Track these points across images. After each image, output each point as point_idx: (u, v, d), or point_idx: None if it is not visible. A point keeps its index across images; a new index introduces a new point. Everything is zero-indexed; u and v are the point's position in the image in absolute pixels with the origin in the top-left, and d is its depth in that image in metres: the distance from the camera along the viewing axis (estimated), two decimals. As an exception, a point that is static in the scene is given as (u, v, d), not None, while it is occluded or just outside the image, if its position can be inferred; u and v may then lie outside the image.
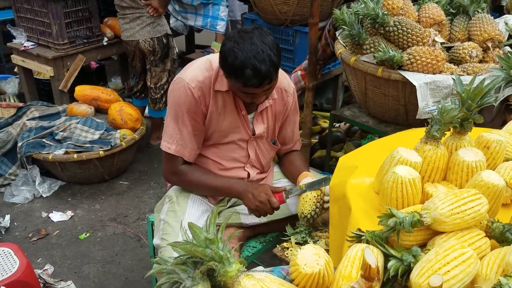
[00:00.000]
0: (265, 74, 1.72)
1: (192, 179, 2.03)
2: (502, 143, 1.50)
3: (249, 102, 1.90)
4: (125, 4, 3.63)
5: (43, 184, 3.53)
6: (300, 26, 3.43)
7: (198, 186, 2.06)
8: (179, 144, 1.98)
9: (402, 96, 2.35)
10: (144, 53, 3.80)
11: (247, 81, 1.72)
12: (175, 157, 2.00)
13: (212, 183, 2.03)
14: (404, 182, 1.32)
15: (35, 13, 3.95)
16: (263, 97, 1.88)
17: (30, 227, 3.22)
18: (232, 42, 1.73)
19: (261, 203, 1.93)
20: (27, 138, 3.48)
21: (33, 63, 4.07)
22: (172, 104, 1.96)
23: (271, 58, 1.72)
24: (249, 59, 1.69)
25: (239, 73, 1.71)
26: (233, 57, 1.71)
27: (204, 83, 1.91)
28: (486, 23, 2.48)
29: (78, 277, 2.81)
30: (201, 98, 1.91)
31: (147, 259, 2.93)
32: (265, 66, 1.70)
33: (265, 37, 1.75)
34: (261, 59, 1.70)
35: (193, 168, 2.05)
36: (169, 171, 2.05)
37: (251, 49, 1.70)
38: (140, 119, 3.80)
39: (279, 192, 1.96)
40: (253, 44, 1.71)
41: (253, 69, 1.69)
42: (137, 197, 3.56)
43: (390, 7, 2.46)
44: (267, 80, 1.75)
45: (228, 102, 1.96)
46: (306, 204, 1.94)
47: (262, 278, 1.05)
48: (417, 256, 1.13)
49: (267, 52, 1.71)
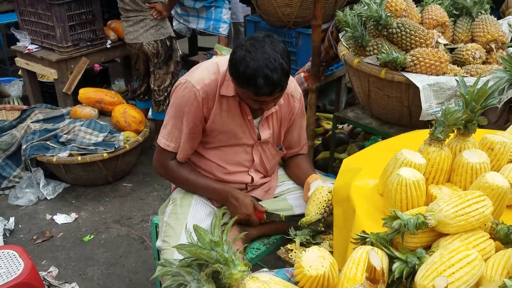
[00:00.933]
0: (277, 83, 1.72)
1: (179, 175, 2.06)
2: (506, 145, 1.50)
3: (257, 108, 1.90)
4: (129, 7, 3.65)
5: (47, 187, 3.55)
6: (303, 28, 3.43)
7: (183, 183, 2.11)
8: (177, 143, 2.00)
9: (405, 97, 2.35)
10: (147, 55, 3.82)
11: (259, 90, 1.72)
12: (168, 152, 2.03)
13: (196, 183, 2.07)
14: (408, 184, 1.32)
15: (39, 16, 3.97)
16: (271, 104, 1.89)
17: (35, 229, 3.23)
18: (243, 51, 1.72)
19: (241, 220, 2.01)
20: (32, 141, 3.50)
21: (37, 66, 4.08)
22: (174, 103, 1.97)
23: (283, 66, 1.72)
24: (261, 68, 1.68)
25: (251, 82, 1.71)
26: (245, 66, 1.70)
27: (209, 86, 1.91)
28: (490, 24, 2.48)
29: (82, 279, 2.82)
30: (205, 101, 1.92)
31: (151, 261, 2.94)
32: (277, 75, 1.70)
33: (277, 45, 1.74)
34: (273, 68, 1.69)
35: (181, 165, 2.07)
36: (159, 163, 2.08)
37: (263, 58, 1.69)
38: (143, 121, 3.81)
39: (261, 212, 2.04)
40: (265, 53, 1.70)
41: (265, 78, 1.69)
42: (141, 199, 3.57)
43: (393, 9, 2.46)
44: (279, 88, 1.75)
45: (233, 106, 1.96)
46: (315, 207, 1.94)
47: (267, 281, 1.05)
48: (421, 258, 1.13)
49: (279, 61, 1.71)
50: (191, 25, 4.67)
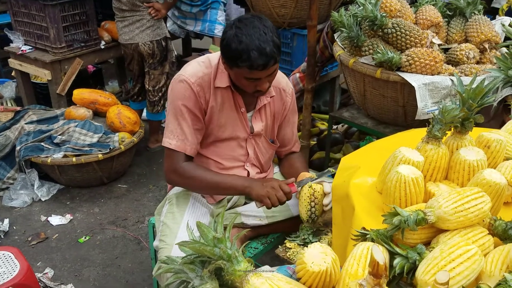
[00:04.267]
0: (270, 55, 1.75)
1: (195, 175, 1.97)
2: (502, 142, 1.51)
3: (253, 91, 1.88)
4: (125, 7, 3.64)
5: (41, 188, 3.53)
6: (298, 29, 3.45)
7: (200, 183, 1.98)
8: (179, 139, 1.95)
9: (400, 97, 2.37)
10: (143, 56, 3.81)
11: (253, 63, 1.74)
12: (176, 153, 1.96)
13: (215, 179, 1.98)
14: (407, 181, 1.33)
15: (32, 17, 3.95)
16: (266, 84, 1.87)
17: (29, 231, 3.21)
18: (234, 29, 1.77)
19: (273, 189, 1.90)
20: (26, 142, 3.48)
21: (31, 67, 4.06)
22: (172, 100, 1.97)
23: (273, 39, 1.77)
24: (253, 41, 1.73)
25: (244, 56, 1.74)
26: (237, 42, 1.74)
27: (203, 79, 1.92)
28: (483, 24, 2.51)
29: (78, 280, 2.80)
30: (201, 93, 1.93)
31: (147, 262, 2.93)
32: (269, 47, 1.74)
33: (266, 22, 1.80)
34: (264, 40, 1.74)
35: (195, 165, 2.00)
36: (171, 168, 1.99)
37: (254, 32, 1.74)
38: (138, 122, 3.80)
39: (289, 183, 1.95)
40: (255, 27, 1.75)
41: (258, 50, 1.73)
42: (136, 200, 3.56)
43: (388, 9, 2.49)
44: (272, 60, 1.78)
45: (227, 99, 1.97)
46: (302, 206, 1.94)
47: (270, 277, 1.06)
48: (422, 253, 1.15)
49: (269, 34, 1.76)
50: (188, 27, 4.67)
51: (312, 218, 1.93)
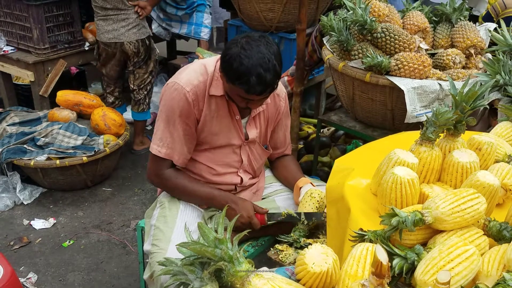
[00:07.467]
0: (269, 84, 1.74)
1: (177, 183, 2.01)
2: (493, 145, 1.54)
3: (243, 107, 1.90)
4: (110, 6, 3.58)
5: (24, 191, 3.45)
6: (285, 33, 3.47)
7: (181, 192, 2.04)
8: (169, 148, 1.96)
9: (389, 101, 2.39)
10: (127, 55, 3.76)
11: (251, 88, 1.72)
12: (163, 159, 1.98)
13: (195, 191, 2.02)
14: (403, 183, 1.34)
15: (15, 17, 3.88)
16: (258, 104, 1.90)
17: (12, 235, 3.14)
18: (238, 48, 1.73)
19: (242, 224, 1.95)
20: (8, 144, 3.40)
21: (13, 68, 3.99)
22: (165, 107, 1.94)
23: (275, 68, 1.74)
24: (255, 67, 1.70)
25: (244, 79, 1.71)
26: (239, 63, 1.71)
27: (198, 87, 1.90)
28: (469, 30, 2.56)
29: (62, 285, 2.75)
30: (195, 102, 1.91)
31: (133, 266, 2.89)
32: (270, 75, 1.72)
33: (271, 47, 1.76)
34: (266, 68, 1.71)
35: (179, 173, 2.03)
36: (154, 173, 2.02)
37: (258, 57, 1.71)
38: (124, 124, 3.76)
39: (262, 214, 2.00)
40: (260, 52, 1.71)
41: (258, 77, 1.70)
42: (121, 204, 3.51)
43: (376, 14, 2.52)
44: (270, 88, 1.77)
45: (221, 106, 1.96)
46: (308, 208, 1.96)
47: (271, 278, 1.06)
48: (420, 254, 1.15)
49: (272, 62, 1.73)
50: (173, 29, 4.65)
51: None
